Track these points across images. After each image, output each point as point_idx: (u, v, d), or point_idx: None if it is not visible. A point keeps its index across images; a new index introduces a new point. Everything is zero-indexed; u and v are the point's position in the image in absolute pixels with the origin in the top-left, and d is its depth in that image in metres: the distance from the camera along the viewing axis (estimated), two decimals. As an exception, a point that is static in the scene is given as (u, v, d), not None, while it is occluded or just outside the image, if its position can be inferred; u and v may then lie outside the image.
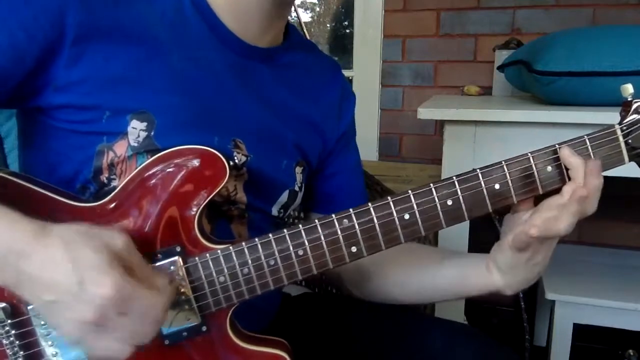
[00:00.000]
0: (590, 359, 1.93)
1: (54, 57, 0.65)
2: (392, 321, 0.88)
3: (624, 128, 0.66)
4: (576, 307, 1.57)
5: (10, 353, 0.63)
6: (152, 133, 0.69)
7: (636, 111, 0.66)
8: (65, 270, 0.52)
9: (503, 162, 0.66)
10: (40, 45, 0.64)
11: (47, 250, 0.53)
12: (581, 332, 1.62)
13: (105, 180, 0.70)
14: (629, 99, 0.67)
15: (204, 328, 0.66)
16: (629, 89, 0.67)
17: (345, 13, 2.44)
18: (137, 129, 0.68)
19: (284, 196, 0.83)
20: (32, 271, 0.53)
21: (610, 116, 0.68)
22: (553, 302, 1.60)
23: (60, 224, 0.56)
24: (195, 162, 0.65)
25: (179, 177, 0.64)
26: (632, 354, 1.88)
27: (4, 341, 0.62)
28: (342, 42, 2.54)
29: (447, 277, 0.80)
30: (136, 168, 0.66)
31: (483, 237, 0.73)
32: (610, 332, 1.64)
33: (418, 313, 1.16)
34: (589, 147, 0.66)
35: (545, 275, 1.69)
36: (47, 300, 0.53)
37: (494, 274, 0.74)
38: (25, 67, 0.64)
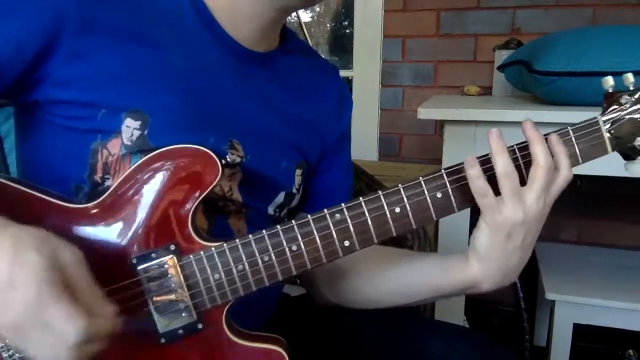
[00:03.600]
0: (590, 359, 1.92)
1: (53, 52, 0.65)
2: (391, 323, 0.87)
3: (606, 119, 0.68)
4: (576, 307, 1.57)
5: (6, 355, 0.62)
6: (146, 132, 0.68)
7: (617, 102, 0.68)
8: (2, 268, 0.51)
9: (490, 153, 0.67)
10: (41, 38, 0.64)
11: None
12: (581, 332, 1.62)
13: (99, 180, 0.70)
14: (610, 91, 0.68)
15: (200, 326, 0.66)
16: (609, 81, 0.68)
17: (345, 13, 2.44)
18: (130, 127, 0.68)
19: (280, 197, 0.83)
20: None
21: (610, 116, 0.69)
22: (553, 302, 1.60)
23: (19, 226, 0.55)
24: (188, 161, 0.65)
25: (172, 176, 0.65)
26: (632, 354, 1.88)
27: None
28: (342, 42, 2.54)
29: (423, 272, 0.79)
30: (129, 168, 0.66)
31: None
32: (610, 332, 1.64)
33: (417, 315, 1.16)
34: (573, 138, 0.68)
35: (545, 275, 1.70)
36: None
37: (472, 261, 0.72)
38: (24, 60, 0.65)
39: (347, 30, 2.46)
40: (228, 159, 0.74)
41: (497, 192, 0.66)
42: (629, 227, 2.02)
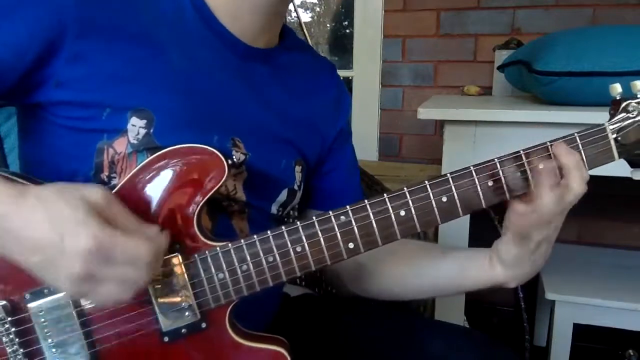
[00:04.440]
0: (590, 359, 1.93)
1: (55, 53, 0.65)
2: (391, 323, 0.88)
3: (613, 126, 0.68)
4: (576, 307, 1.57)
5: (10, 351, 0.63)
6: (152, 130, 0.69)
7: (625, 109, 0.68)
8: (44, 228, 0.54)
9: (496, 159, 0.67)
10: (42, 40, 0.64)
11: (25, 210, 0.55)
12: (581, 332, 1.62)
13: (106, 179, 0.70)
14: (617, 98, 0.68)
15: (204, 325, 0.66)
16: (617, 88, 0.68)
17: (345, 13, 2.44)
18: (136, 126, 0.68)
19: (283, 195, 0.84)
20: (14, 232, 0.55)
21: (610, 116, 0.69)
22: (553, 302, 1.60)
23: (39, 185, 0.57)
24: (195, 161, 0.65)
25: (178, 175, 0.65)
26: (632, 354, 1.88)
27: (4, 339, 0.63)
28: (342, 42, 2.54)
29: (447, 270, 0.80)
30: (136, 167, 0.66)
31: (483, 237, 0.73)
32: (610, 332, 1.64)
33: (418, 316, 1.16)
34: (580, 145, 0.67)
35: (545, 275, 1.70)
36: (36, 261, 0.55)
37: (497, 267, 0.74)
38: (26, 62, 0.65)
39: (347, 30, 2.46)
40: (234, 159, 0.74)
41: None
42: (629, 227, 2.03)
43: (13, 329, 0.62)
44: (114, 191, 0.64)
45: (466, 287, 0.79)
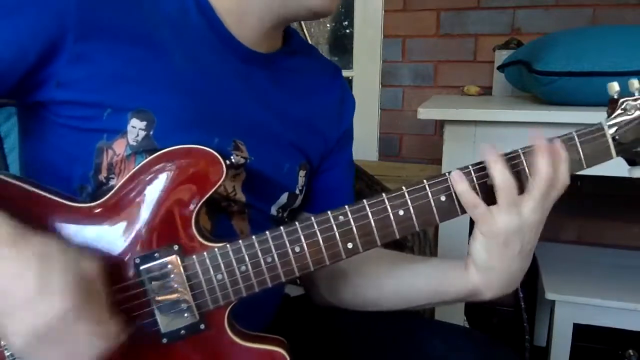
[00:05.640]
0: (590, 359, 1.93)
1: (57, 53, 0.65)
2: (391, 323, 0.87)
3: (611, 124, 0.68)
4: (576, 307, 1.57)
5: (9, 353, 0.63)
6: (152, 132, 0.69)
7: (622, 108, 0.68)
8: (28, 280, 0.52)
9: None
10: (43, 40, 0.64)
11: (18, 257, 0.54)
12: (581, 332, 1.62)
13: (104, 180, 0.70)
14: (615, 97, 0.69)
15: (202, 326, 0.66)
16: (614, 86, 0.69)
17: (345, 13, 2.44)
18: (136, 127, 0.68)
19: (283, 198, 0.84)
20: None
21: (610, 116, 0.69)
22: (553, 302, 1.60)
23: (40, 236, 0.56)
24: (193, 161, 0.65)
25: (176, 176, 0.65)
26: (632, 354, 1.88)
27: (2, 341, 0.62)
28: (342, 42, 2.53)
29: (424, 275, 0.79)
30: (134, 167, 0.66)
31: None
32: (610, 332, 1.64)
33: (417, 316, 1.16)
34: (577, 143, 0.68)
35: (545, 275, 1.70)
36: None
37: (470, 269, 0.72)
38: (27, 62, 0.65)
39: (347, 30, 2.46)
40: (233, 160, 0.74)
41: (493, 200, 0.66)
42: (629, 227, 2.02)
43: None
44: (111, 192, 0.65)
45: (444, 294, 0.77)
